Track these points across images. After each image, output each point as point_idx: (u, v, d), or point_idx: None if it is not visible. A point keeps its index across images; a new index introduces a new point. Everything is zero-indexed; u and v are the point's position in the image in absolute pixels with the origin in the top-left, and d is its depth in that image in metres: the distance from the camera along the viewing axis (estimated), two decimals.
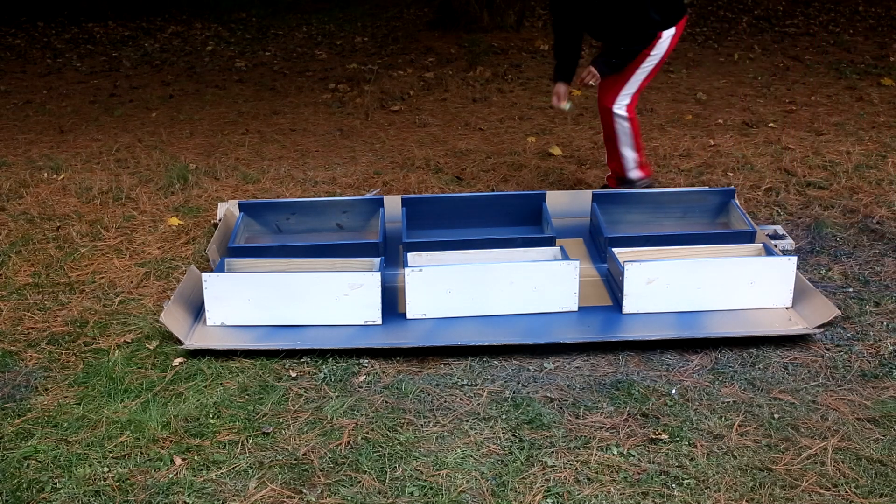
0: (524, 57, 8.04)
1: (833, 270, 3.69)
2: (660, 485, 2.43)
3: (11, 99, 7.20)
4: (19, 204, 4.62)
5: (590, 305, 3.40)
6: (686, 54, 8.04)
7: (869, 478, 2.45)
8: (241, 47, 8.96)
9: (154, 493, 2.42)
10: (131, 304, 3.55)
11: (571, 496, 2.39)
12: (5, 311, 3.51)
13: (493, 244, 3.66)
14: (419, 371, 3.04)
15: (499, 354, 3.12)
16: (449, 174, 5.01)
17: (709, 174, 4.87)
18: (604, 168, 4.83)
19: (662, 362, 3.06)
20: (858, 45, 8.24)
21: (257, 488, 2.45)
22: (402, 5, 10.30)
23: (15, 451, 2.61)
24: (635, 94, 4.24)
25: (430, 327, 3.26)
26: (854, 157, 5.03)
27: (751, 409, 2.78)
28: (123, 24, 10.01)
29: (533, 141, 5.59)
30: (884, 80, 6.88)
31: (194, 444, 2.65)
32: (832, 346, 3.13)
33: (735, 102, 6.43)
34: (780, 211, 4.34)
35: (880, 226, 4.11)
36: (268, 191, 4.78)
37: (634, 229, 4.06)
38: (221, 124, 6.22)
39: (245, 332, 3.24)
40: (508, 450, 2.60)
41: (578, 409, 2.79)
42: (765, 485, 2.42)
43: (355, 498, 2.41)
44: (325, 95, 6.99)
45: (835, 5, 9.84)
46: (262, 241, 4.07)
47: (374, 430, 2.69)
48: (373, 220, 4.08)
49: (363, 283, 3.23)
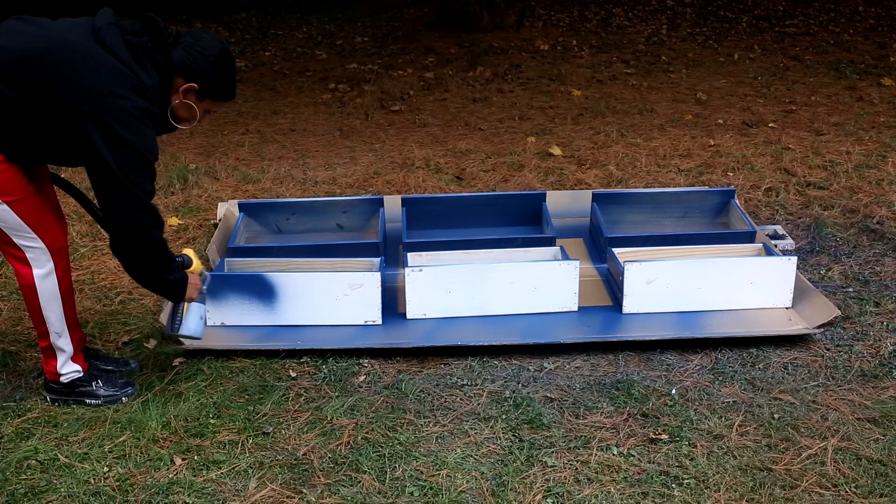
0: (524, 57, 8.04)
1: (833, 270, 3.69)
2: (660, 485, 2.43)
3: None
4: None
5: (590, 305, 3.40)
6: (686, 54, 8.04)
7: (869, 478, 2.45)
8: (241, 47, 8.95)
9: (154, 493, 2.42)
10: (131, 304, 3.55)
11: (571, 496, 2.39)
12: (5, 311, 3.51)
13: (493, 244, 3.66)
14: (419, 371, 3.04)
15: (499, 354, 3.12)
16: (449, 174, 5.00)
17: (709, 174, 4.87)
18: (604, 168, 4.83)
19: (662, 362, 3.06)
20: (858, 45, 8.24)
21: (257, 488, 2.45)
22: (402, 5, 10.30)
23: (15, 451, 2.61)
24: None
25: (430, 327, 3.26)
26: (854, 157, 5.03)
27: (751, 409, 2.78)
28: None
29: (533, 141, 5.58)
30: (884, 80, 6.88)
31: (194, 444, 2.65)
32: (832, 346, 3.13)
33: (735, 102, 6.43)
34: (780, 211, 4.34)
35: (880, 226, 4.11)
36: (268, 191, 4.78)
37: (634, 229, 4.06)
38: (221, 124, 6.22)
39: (245, 332, 3.24)
40: (508, 450, 2.60)
41: (578, 409, 2.79)
42: (765, 485, 2.42)
43: (355, 498, 2.41)
44: (325, 95, 6.99)
45: (835, 5, 9.83)
46: (262, 241, 4.07)
47: (374, 430, 2.69)
48: (373, 220, 4.08)
49: (363, 283, 3.23)
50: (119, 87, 2.41)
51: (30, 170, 2.57)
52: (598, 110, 6.25)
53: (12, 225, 2.54)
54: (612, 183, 4.75)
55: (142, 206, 2.51)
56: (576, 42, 8.60)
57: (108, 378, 2.90)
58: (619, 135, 5.63)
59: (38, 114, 2.43)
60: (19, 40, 2.43)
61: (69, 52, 2.42)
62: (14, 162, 2.49)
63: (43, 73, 2.40)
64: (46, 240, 2.61)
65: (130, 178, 2.45)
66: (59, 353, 2.79)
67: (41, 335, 2.76)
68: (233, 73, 2.66)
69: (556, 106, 6.50)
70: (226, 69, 2.62)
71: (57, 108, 2.41)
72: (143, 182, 2.48)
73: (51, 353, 2.80)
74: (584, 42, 8.63)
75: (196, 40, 2.57)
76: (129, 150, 2.43)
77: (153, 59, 2.51)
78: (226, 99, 2.68)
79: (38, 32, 2.47)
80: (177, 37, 2.56)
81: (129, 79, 2.44)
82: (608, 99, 6.60)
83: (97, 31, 2.47)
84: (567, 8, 9.92)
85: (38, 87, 2.40)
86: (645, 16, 9.60)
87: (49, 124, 2.45)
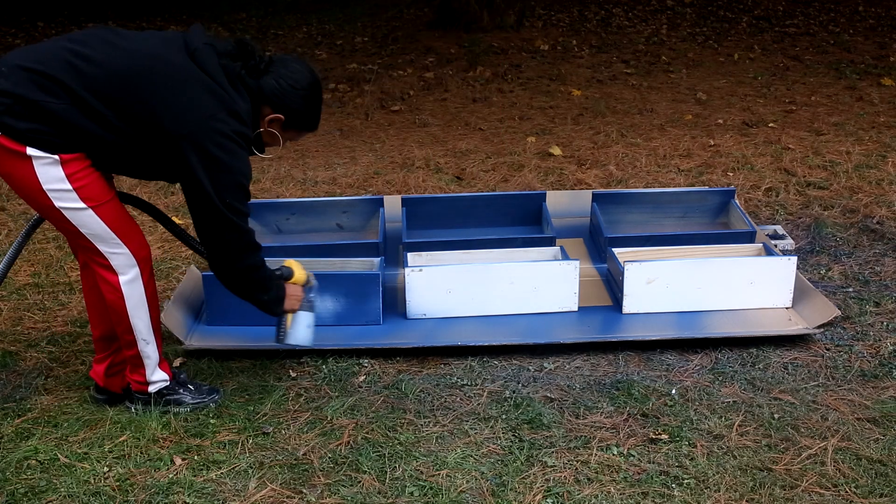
0: (524, 57, 8.04)
1: (833, 270, 3.69)
2: (660, 485, 2.43)
3: None
4: (19, 204, 4.62)
5: (590, 305, 3.40)
6: (686, 54, 8.04)
7: (869, 478, 2.45)
8: None
9: (154, 493, 2.42)
10: None
11: (571, 496, 2.39)
12: (5, 311, 3.51)
13: (493, 244, 3.66)
14: (419, 371, 3.04)
15: (499, 354, 3.12)
16: (449, 174, 5.01)
17: (709, 174, 4.87)
18: (604, 168, 4.84)
19: (662, 362, 3.06)
20: (858, 45, 8.24)
21: (257, 488, 2.45)
22: (402, 5, 10.30)
23: (15, 451, 2.61)
24: None
25: (430, 327, 3.26)
26: (854, 157, 5.04)
27: (751, 409, 2.78)
28: (123, 24, 10.00)
29: (533, 141, 5.58)
30: (884, 80, 6.88)
31: (194, 444, 2.65)
32: (832, 346, 3.13)
33: (735, 102, 6.43)
34: (780, 211, 4.34)
35: (880, 226, 4.11)
36: (268, 191, 4.78)
37: (634, 229, 4.06)
38: None
39: (245, 332, 3.23)
40: (508, 450, 2.60)
41: (578, 409, 2.79)
42: (765, 485, 2.42)
43: (355, 498, 2.41)
44: (325, 95, 6.97)
45: (835, 5, 9.84)
46: (262, 241, 4.05)
47: (374, 430, 2.69)
48: (373, 220, 4.08)
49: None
50: (218, 111, 2.39)
51: (108, 177, 2.55)
52: (598, 110, 6.26)
53: (97, 232, 2.50)
54: (612, 183, 4.76)
55: (236, 231, 2.50)
56: (576, 42, 8.61)
57: (194, 385, 2.87)
58: (619, 135, 5.64)
59: (130, 131, 2.40)
60: (112, 55, 2.39)
61: (169, 73, 2.39)
62: (97, 168, 2.47)
63: (141, 93, 2.37)
64: (131, 246, 2.57)
65: (227, 202, 2.43)
66: (146, 360, 2.74)
67: (128, 344, 2.71)
68: (319, 106, 2.63)
69: (556, 106, 6.50)
70: (314, 102, 2.60)
71: (154, 129, 2.38)
72: (239, 205, 2.47)
73: (138, 362, 2.74)
74: (584, 42, 8.63)
75: (288, 71, 2.54)
76: (226, 175, 2.42)
77: (246, 85, 2.49)
78: (310, 130, 2.67)
79: (132, 47, 2.43)
80: (268, 64, 2.53)
81: (228, 102, 2.41)
82: (608, 99, 6.60)
83: (193, 52, 2.43)
84: (567, 8, 9.92)
85: (135, 106, 2.37)
86: (645, 16, 9.60)
87: (142, 142, 2.42)
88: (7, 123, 2.33)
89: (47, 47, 2.43)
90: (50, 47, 2.43)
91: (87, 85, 2.35)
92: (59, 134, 2.36)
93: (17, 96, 2.32)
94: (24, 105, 2.32)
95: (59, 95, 2.34)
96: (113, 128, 2.38)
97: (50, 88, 2.34)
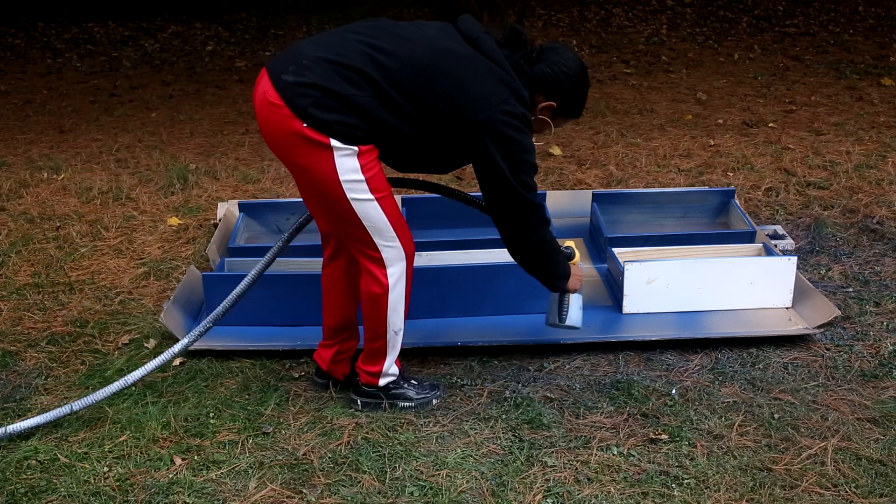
0: None
1: (833, 270, 3.69)
2: (660, 485, 2.43)
3: (11, 99, 7.20)
4: (19, 204, 4.62)
5: (590, 305, 3.40)
6: (686, 54, 8.04)
7: (869, 478, 2.45)
8: (241, 47, 8.96)
9: (154, 493, 2.42)
10: (131, 304, 3.55)
11: (571, 496, 2.39)
12: (5, 311, 3.51)
13: (493, 244, 3.66)
14: (419, 371, 3.04)
15: (499, 354, 3.12)
16: (449, 174, 5.00)
17: (709, 174, 4.87)
18: (603, 168, 4.83)
19: (662, 362, 3.06)
20: (858, 45, 8.24)
21: (257, 488, 2.45)
22: (402, 5, 10.29)
23: (15, 451, 2.61)
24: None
25: (430, 327, 3.26)
26: (854, 157, 5.03)
27: (751, 409, 2.78)
28: (123, 24, 10.01)
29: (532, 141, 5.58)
30: (884, 80, 6.88)
31: (194, 444, 2.65)
32: (832, 346, 3.13)
33: (735, 102, 6.43)
34: (780, 211, 4.34)
35: (880, 226, 4.11)
36: (268, 191, 4.78)
37: (634, 229, 4.06)
38: (221, 124, 6.22)
39: (245, 332, 3.23)
40: (508, 450, 2.60)
41: (578, 409, 2.79)
42: (765, 485, 2.42)
43: (355, 498, 2.41)
44: None
45: (835, 5, 9.84)
46: (262, 241, 4.06)
47: (374, 430, 2.69)
48: None
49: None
50: (509, 96, 2.44)
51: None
52: (598, 110, 6.25)
53: (378, 224, 2.52)
54: (612, 183, 4.76)
55: (531, 208, 2.55)
56: (576, 42, 8.60)
57: (416, 380, 2.87)
58: (619, 135, 5.64)
59: (423, 120, 2.44)
60: (405, 47, 2.44)
61: (459, 62, 2.44)
62: (381, 160, 2.51)
63: (437, 83, 2.41)
64: (403, 241, 2.60)
65: (521, 179, 2.49)
66: (391, 352, 2.75)
67: (374, 336, 2.70)
68: (587, 93, 2.67)
69: None
70: (583, 89, 2.64)
71: (450, 117, 2.42)
72: (531, 181, 2.53)
73: (380, 354, 2.74)
74: (584, 42, 8.63)
75: (560, 58, 2.58)
76: (520, 155, 2.47)
77: (524, 72, 2.54)
78: (576, 117, 2.71)
79: (418, 38, 2.47)
80: (540, 52, 2.57)
81: (515, 87, 2.47)
82: (608, 99, 6.60)
83: (475, 40, 2.48)
84: (567, 8, 9.92)
85: (428, 96, 2.41)
86: (645, 16, 9.60)
87: (433, 131, 2.46)
88: (314, 115, 2.36)
89: (339, 39, 2.46)
90: (342, 39, 2.46)
91: (389, 78, 2.40)
92: (363, 127, 2.40)
93: (325, 89, 2.36)
94: (332, 98, 2.36)
95: (364, 88, 2.38)
96: (409, 118, 2.43)
97: (356, 82, 2.38)
